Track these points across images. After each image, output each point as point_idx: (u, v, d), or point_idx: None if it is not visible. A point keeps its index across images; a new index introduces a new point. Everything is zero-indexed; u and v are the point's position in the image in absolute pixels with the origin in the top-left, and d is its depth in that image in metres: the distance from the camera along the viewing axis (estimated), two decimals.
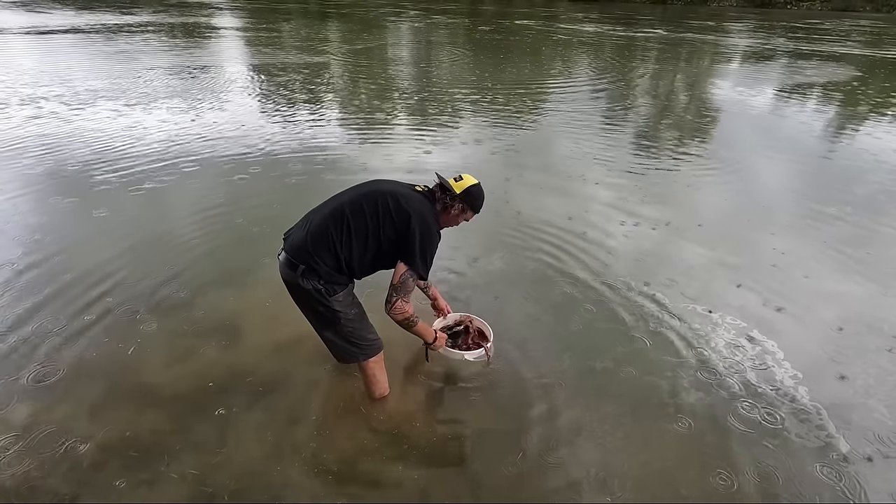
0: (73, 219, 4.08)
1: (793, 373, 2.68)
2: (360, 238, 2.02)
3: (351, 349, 2.21)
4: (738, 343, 2.90)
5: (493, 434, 2.30)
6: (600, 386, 2.58)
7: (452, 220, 2.21)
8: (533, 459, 2.16)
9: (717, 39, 16.10)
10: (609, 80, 10.57)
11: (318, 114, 7.28)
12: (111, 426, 2.24)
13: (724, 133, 7.26)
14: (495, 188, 4.63)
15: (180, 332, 2.85)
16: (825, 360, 2.82)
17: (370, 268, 2.13)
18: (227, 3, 24.76)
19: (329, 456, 2.17)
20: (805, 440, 2.29)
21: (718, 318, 3.10)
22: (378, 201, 2.03)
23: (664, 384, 2.58)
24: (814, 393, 2.55)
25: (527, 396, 2.49)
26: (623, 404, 2.46)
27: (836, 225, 4.38)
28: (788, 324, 3.09)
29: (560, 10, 25.53)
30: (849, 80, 10.75)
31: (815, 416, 2.42)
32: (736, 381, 2.62)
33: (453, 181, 2.15)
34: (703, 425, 2.35)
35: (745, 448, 2.24)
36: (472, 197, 2.16)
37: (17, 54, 10.74)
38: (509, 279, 3.46)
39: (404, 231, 2.01)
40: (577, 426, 2.33)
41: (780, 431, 2.33)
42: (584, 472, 2.12)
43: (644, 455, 2.21)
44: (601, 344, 2.87)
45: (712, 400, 2.49)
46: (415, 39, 16.28)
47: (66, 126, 6.21)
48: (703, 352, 2.82)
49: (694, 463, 2.18)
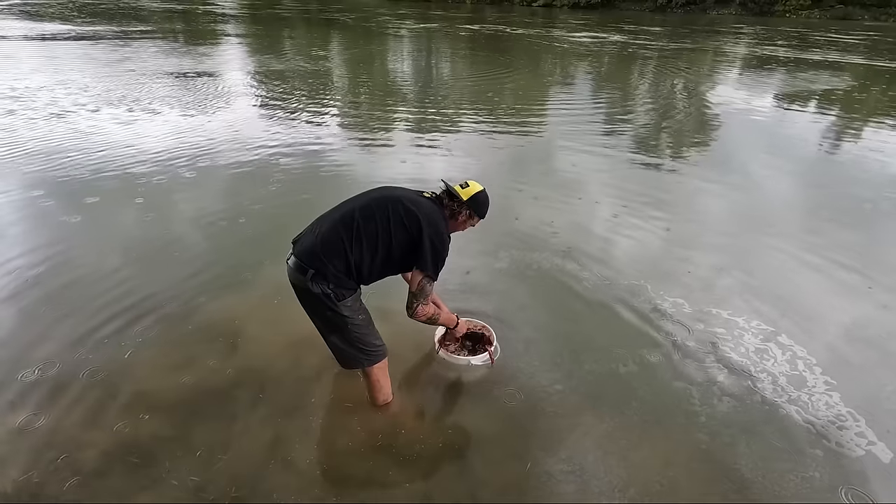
0: (70, 223, 4.11)
1: (824, 378, 2.69)
2: (370, 243, 2.05)
3: (357, 355, 2.23)
4: (766, 347, 2.92)
5: (499, 441, 2.31)
6: (607, 391, 2.60)
7: (460, 226, 2.28)
8: (540, 468, 2.17)
9: (716, 47, 16.22)
10: (610, 87, 10.65)
11: (318, 121, 7.34)
12: (111, 432, 2.26)
13: (730, 139, 7.31)
14: (497, 194, 4.68)
15: (181, 337, 2.87)
16: (857, 367, 2.83)
17: (379, 273, 2.17)
18: (233, 10, 24.97)
19: (331, 463, 2.19)
20: (845, 448, 2.30)
21: (743, 322, 3.13)
22: (389, 207, 2.08)
23: (685, 390, 2.61)
24: (849, 399, 2.56)
25: (536, 402, 2.51)
26: (640, 410, 2.48)
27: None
28: (811, 329, 3.12)
29: (560, 19, 25.72)
30: (849, 89, 10.82)
31: (853, 422, 2.44)
32: (766, 385, 2.64)
33: (460, 188, 2.21)
34: (731, 433, 2.36)
35: (775, 456, 2.25)
36: (479, 203, 2.23)
37: (20, 57, 10.86)
38: (514, 282, 3.51)
39: (417, 237, 2.06)
40: (584, 434, 2.35)
41: (816, 439, 2.34)
42: (599, 482, 2.12)
43: (665, 463, 2.22)
44: (609, 347, 2.90)
45: (741, 407, 2.51)
46: (416, 49, 16.39)
47: (66, 130, 6.29)
48: (726, 356, 2.84)
49: (719, 475, 2.18)
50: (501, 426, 2.39)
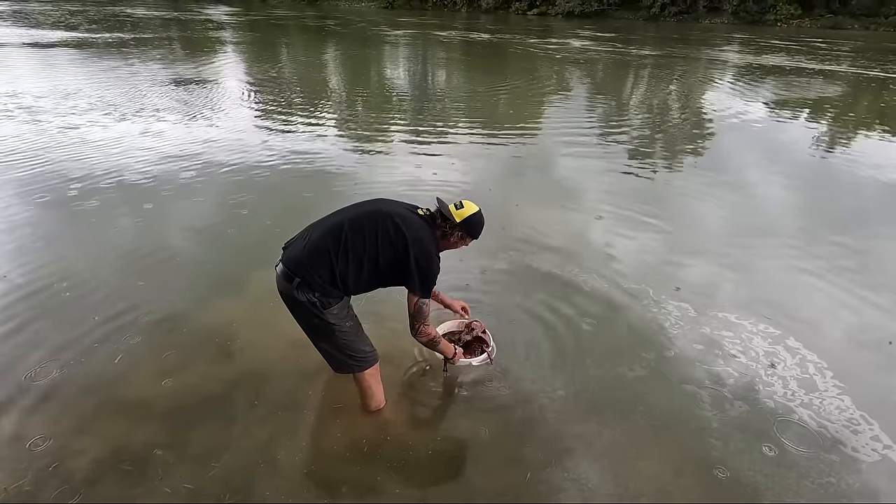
0: (66, 230, 4.08)
1: (833, 382, 2.65)
2: (356, 257, 2.04)
3: (346, 360, 2.23)
4: (774, 350, 2.88)
5: (498, 448, 2.26)
6: (614, 396, 2.56)
7: (451, 246, 2.26)
8: (541, 476, 2.13)
9: (709, 56, 16.34)
10: (605, 96, 10.68)
11: (315, 128, 7.31)
12: (104, 439, 2.21)
13: (726, 146, 7.32)
14: (497, 199, 4.66)
15: (172, 344, 2.82)
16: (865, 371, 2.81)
17: (367, 286, 2.16)
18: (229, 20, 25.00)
19: (325, 469, 2.15)
20: (861, 453, 2.26)
21: (750, 325, 3.10)
22: (378, 224, 2.06)
23: (695, 394, 2.56)
24: (860, 403, 2.52)
25: (538, 408, 2.46)
26: (649, 415, 2.43)
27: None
28: (817, 333, 3.09)
29: (555, 28, 25.91)
30: (840, 97, 10.91)
31: (866, 426, 2.40)
32: (777, 388, 2.60)
33: (454, 208, 2.18)
34: (745, 439, 2.31)
35: (791, 461, 2.21)
36: (472, 226, 2.20)
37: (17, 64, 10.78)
38: (515, 284, 3.47)
39: (403, 257, 2.05)
40: (589, 441, 2.30)
41: (832, 444, 2.30)
42: (605, 491, 2.07)
43: (676, 472, 2.17)
44: (614, 351, 2.87)
45: (753, 411, 2.46)
46: (412, 56, 16.43)
47: (61, 137, 6.21)
48: (736, 360, 2.80)
49: (734, 482, 2.12)
50: (501, 432, 2.34)
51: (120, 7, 29.80)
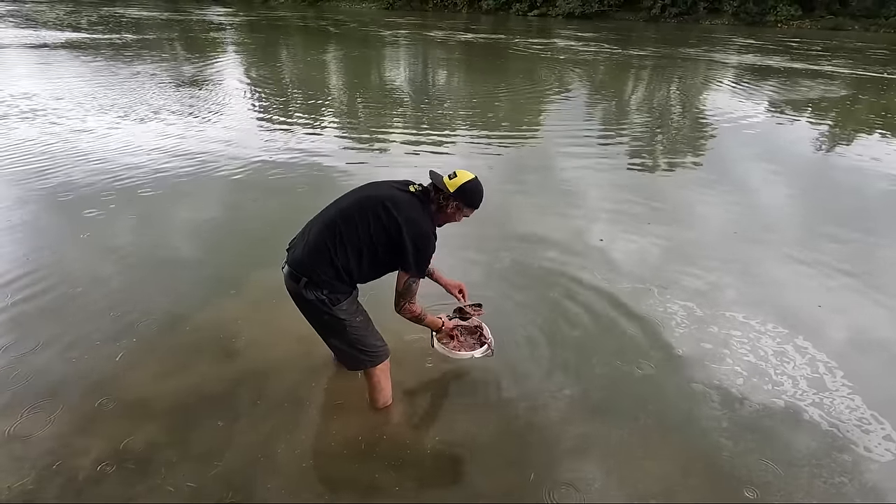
0: (65, 231, 4.04)
1: (843, 381, 2.63)
2: (354, 247, 2.03)
3: (358, 356, 2.21)
4: (783, 349, 2.86)
5: (501, 449, 2.23)
6: (620, 396, 2.53)
7: (450, 218, 2.19)
8: (545, 477, 2.10)
9: (709, 57, 16.33)
10: (604, 96, 10.66)
11: (312, 127, 7.30)
12: (106, 438, 2.19)
13: (728, 147, 7.30)
14: (497, 199, 4.63)
15: (174, 342, 2.80)
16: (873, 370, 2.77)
17: (371, 274, 2.14)
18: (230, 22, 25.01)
19: (329, 467, 2.14)
20: (874, 453, 2.24)
21: (758, 324, 3.07)
22: (368, 211, 2.04)
23: (704, 393, 2.53)
24: (871, 402, 2.49)
25: (542, 408, 2.43)
26: (657, 415, 2.41)
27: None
28: (825, 332, 3.06)
29: (555, 29, 25.89)
30: (842, 98, 10.90)
31: (878, 425, 2.37)
32: (787, 387, 2.57)
33: (447, 178, 2.12)
34: (755, 438, 2.29)
35: (804, 461, 2.19)
36: (468, 194, 2.12)
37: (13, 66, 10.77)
38: (515, 284, 3.44)
39: (398, 239, 2.02)
40: (595, 441, 2.27)
41: (844, 444, 2.27)
42: (614, 492, 2.04)
43: (684, 472, 2.15)
44: (619, 351, 2.84)
45: (763, 410, 2.44)
46: (412, 56, 16.43)
47: (59, 140, 6.19)
48: (744, 359, 2.77)
49: (745, 482, 2.10)
50: (504, 433, 2.31)
51: (120, 8, 29.77)
